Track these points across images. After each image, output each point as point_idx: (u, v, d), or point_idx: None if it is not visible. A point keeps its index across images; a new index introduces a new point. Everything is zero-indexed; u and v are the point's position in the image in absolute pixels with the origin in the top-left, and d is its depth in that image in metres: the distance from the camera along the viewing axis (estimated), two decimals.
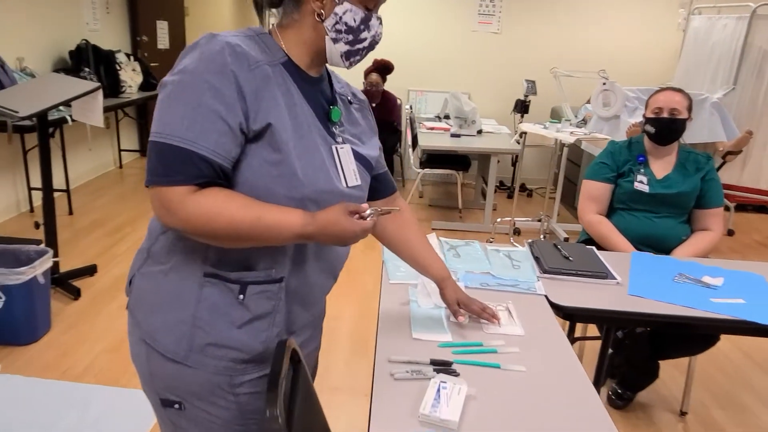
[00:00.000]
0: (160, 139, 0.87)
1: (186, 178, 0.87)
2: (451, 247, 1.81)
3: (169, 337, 0.99)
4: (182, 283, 0.98)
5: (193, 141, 0.86)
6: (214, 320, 0.98)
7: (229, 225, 0.88)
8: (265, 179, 0.92)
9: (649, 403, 2.33)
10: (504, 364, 1.18)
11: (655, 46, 5.52)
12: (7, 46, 3.79)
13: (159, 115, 0.88)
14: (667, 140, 2.17)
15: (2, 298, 2.33)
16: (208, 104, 0.87)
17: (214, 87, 0.87)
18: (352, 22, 0.97)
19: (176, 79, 0.88)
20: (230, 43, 0.89)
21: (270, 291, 1.01)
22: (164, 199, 0.87)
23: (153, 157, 0.88)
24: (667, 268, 1.76)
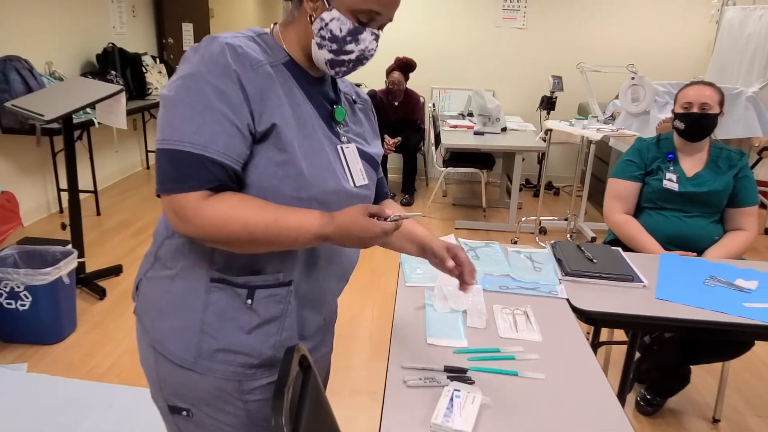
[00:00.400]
0: (168, 145, 0.85)
1: (199, 183, 0.85)
2: (471, 249, 1.77)
3: (176, 342, 0.97)
4: (189, 288, 0.97)
5: (204, 145, 0.85)
6: (222, 325, 0.96)
7: (245, 229, 0.86)
8: (271, 180, 0.91)
9: (680, 409, 2.24)
10: (522, 372, 1.13)
11: (687, 38, 5.34)
12: (37, 51, 3.88)
13: (164, 121, 0.87)
14: (698, 136, 2.08)
15: (29, 299, 2.37)
16: (214, 106, 0.85)
17: (218, 89, 0.86)
18: (337, 32, 0.93)
19: (179, 83, 0.87)
20: (231, 44, 0.88)
21: (279, 295, 0.99)
22: (178, 207, 0.86)
23: (163, 164, 0.86)
24: (697, 270, 1.68)
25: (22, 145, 3.77)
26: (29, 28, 3.81)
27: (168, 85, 0.89)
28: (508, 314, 1.36)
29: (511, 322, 1.33)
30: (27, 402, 2.10)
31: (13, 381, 2.21)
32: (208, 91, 0.85)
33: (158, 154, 0.87)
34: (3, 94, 3.33)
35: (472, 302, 1.40)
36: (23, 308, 2.38)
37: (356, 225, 0.89)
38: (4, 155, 3.65)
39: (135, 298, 1.06)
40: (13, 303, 2.38)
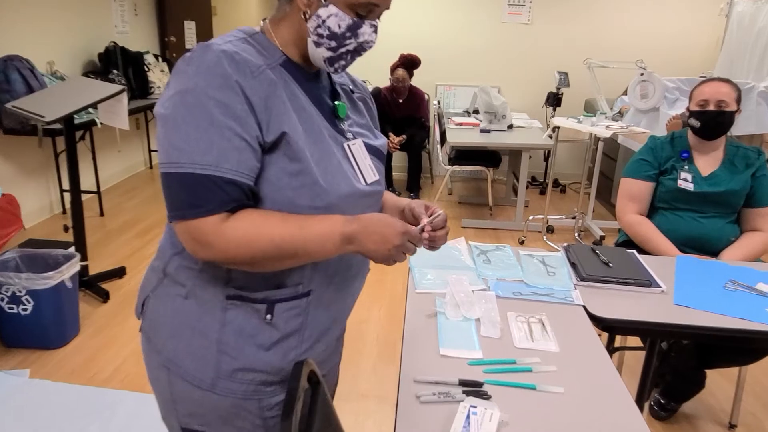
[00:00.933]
0: (177, 169, 0.80)
1: (217, 205, 0.80)
2: (481, 252, 1.72)
3: (193, 363, 0.93)
4: (204, 307, 0.92)
5: (215, 165, 0.80)
6: (241, 344, 0.92)
7: (272, 244, 0.83)
8: (286, 192, 0.86)
9: (695, 414, 2.19)
10: (540, 385, 1.09)
11: (696, 33, 5.26)
12: (39, 51, 3.84)
13: (167, 142, 0.81)
14: (714, 135, 2.02)
15: (31, 303, 2.34)
16: (220, 122, 0.80)
17: (221, 103, 0.80)
18: (336, 28, 0.88)
19: (177, 100, 0.81)
20: (227, 52, 0.82)
21: (299, 307, 0.95)
22: (197, 233, 0.81)
23: (174, 189, 0.80)
24: (716, 273, 1.63)
25: (25, 146, 3.73)
26: (31, 28, 3.77)
27: (163, 101, 0.83)
28: (523, 322, 1.32)
29: (527, 330, 1.28)
30: (29, 409, 2.07)
31: (15, 387, 2.18)
32: (210, 107, 0.80)
33: (166, 178, 0.81)
34: (4, 95, 3.29)
35: (485, 310, 1.35)
36: (25, 313, 2.35)
37: (377, 221, 0.87)
38: (6, 156, 3.62)
39: (141, 315, 1.01)
40: (15, 308, 2.34)
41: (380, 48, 5.39)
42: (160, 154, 0.82)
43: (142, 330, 1.00)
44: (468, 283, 1.45)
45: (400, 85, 4.64)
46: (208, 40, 0.86)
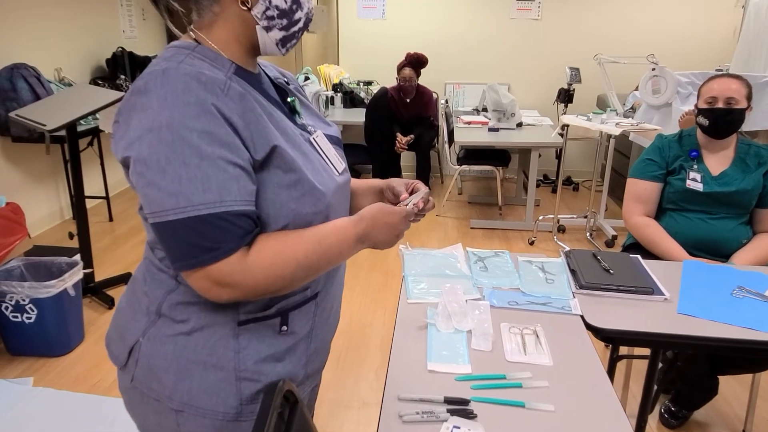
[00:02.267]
0: (180, 215, 0.73)
1: (235, 243, 0.76)
2: (479, 259, 1.67)
3: (213, 399, 0.88)
4: (213, 339, 0.87)
5: (219, 201, 0.74)
6: (260, 365, 0.89)
7: (298, 266, 0.82)
8: (288, 205, 0.83)
9: (708, 422, 2.12)
10: (529, 402, 1.04)
11: (710, 25, 5.12)
12: (46, 58, 3.87)
13: (157, 189, 0.73)
14: (723, 133, 1.94)
15: (34, 311, 2.35)
16: (209, 153, 0.73)
17: (204, 132, 0.74)
18: (282, 4, 0.85)
19: (152, 140, 0.73)
20: (190, 73, 0.76)
21: (309, 311, 0.95)
22: (221, 276, 0.76)
23: (182, 237, 0.74)
24: (724, 279, 1.56)
25: (33, 153, 3.77)
26: (38, 35, 3.80)
27: (130, 143, 0.75)
28: (517, 334, 1.27)
29: (519, 343, 1.24)
30: (33, 417, 2.08)
31: (19, 395, 2.19)
32: (194, 139, 0.73)
33: (168, 227, 0.74)
34: (11, 103, 3.32)
35: (478, 321, 1.30)
36: (29, 321, 2.36)
37: (381, 213, 0.89)
38: (16, 164, 3.65)
39: (127, 366, 0.92)
40: (19, 316, 2.35)
41: (387, 47, 5.36)
42: (148, 204, 0.74)
43: (133, 381, 0.91)
44: (462, 292, 1.41)
45: (408, 85, 4.59)
46: (157, 65, 0.79)
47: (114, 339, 0.96)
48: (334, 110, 5.12)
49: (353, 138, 5.18)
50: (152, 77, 0.76)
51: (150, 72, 0.77)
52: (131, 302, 0.94)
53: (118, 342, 0.94)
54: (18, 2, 3.61)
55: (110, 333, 0.98)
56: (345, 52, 5.48)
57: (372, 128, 4.63)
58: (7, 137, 3.50)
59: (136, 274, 0.96)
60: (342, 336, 2.68)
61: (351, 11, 5.33)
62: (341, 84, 5.23)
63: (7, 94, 3.33)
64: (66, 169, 4.01)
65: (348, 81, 5.32)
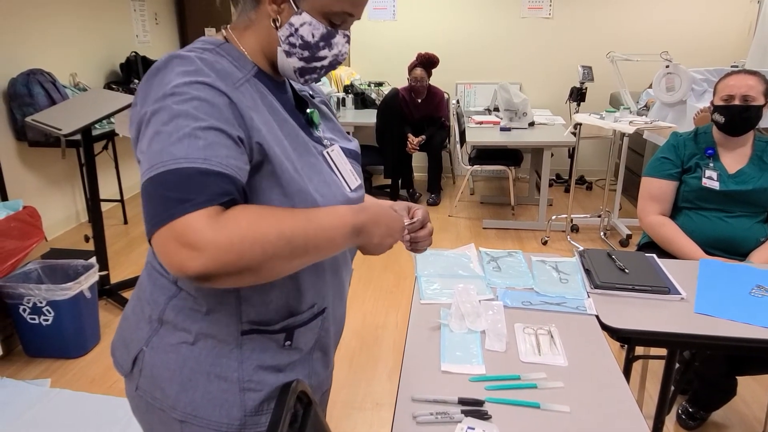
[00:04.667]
0: (160, 169, 0.68)
1: (208, 197, 0.67)
2: (492, 259, 1.66)
3: (217, 410, 0.87)
4: (217, 349, 0.86)
5: (203, 158, 0.69)
6: (264, 376, 0.89)
7: (281, 236, 0.70)
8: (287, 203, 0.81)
9: (726, 424, 2.08)
10: (544, 403, 1.03)
11: (725, 21, 5.06)
12: (61, 63, 3.92)
13: (151, 150, 0.71)
14: (739, 131, 1.92)
15: (51, 314, 2.38)
16: (204, 120, 0.71)
17: (205, 101, 0.73)
18: (309, 38, 0.84)
19: (156, 107, 0.73)
20: (204, 59, 0.77)
21: (316, 326, 0.94)
22: (187, 232, 0.65)
23: (158, 193, 0.67)
24: (741, 278, 1.54)
25: (50, 157, 3.82)
26: (53, 41, 3.86)
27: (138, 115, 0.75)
28: (531, 335, 1.26)
29: (534, 343, 1.23)
30: (50, 418, 2.10)
31: (36, 397, 2.22)
32: (193, 106, 0.72)
33: (148, 186, 0.69)
34: (27, 108, 3.37)
35: (491, 321, 1.30)
36: (46, 323, 2.39)
37: (386, 214, 0.88)
38: (32, 168, 3.70)
39: (132, 375, 0.91)
40: (36, 318, 2.39)
41: (398, 48, 5.36)
42: (142, 166, 0.72)
43: (138, 390, 0.90)
44: (475, 292, 1.40)
45: (419, 85, 4.58)
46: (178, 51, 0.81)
47: (119, 347, 0.95)
48: (346, 111, 5.13)
49: (365, 139, 5.18)
50: (171, 58, 0.77)
51: (170, 54, 0.78)
52: (135, 310, 0.93)
53: (122, 350, 0.94)
54: (33, 10, 3.66)
55: (115, 341, 0.97)
56: (356, 53, 5.49)
57: (383, 129, 4.63)
58: (23, 142, 3.55)
59: (140, 281, 0.95)
60: (355, 337, 2.68)
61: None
62: (352, 85, 5.24)
63: (23, 100, 3.38)
64: (81, 172, 4.05)
65: (359, 82, 5.33)
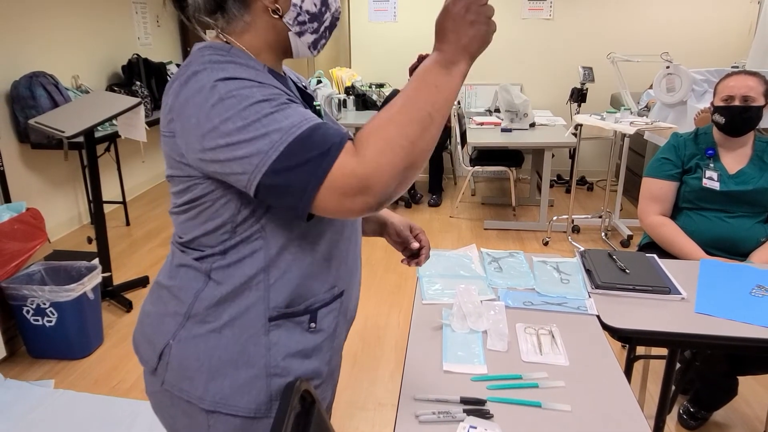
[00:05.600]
0: (282, 146, 0.70)
1: (340, 137, 0.71)
2: (493, 260, 1.67)
3: (245, 396, 0.89)
4: (244, 336, 0.88)
5: (304, 119, 0.72)
6: (288, 361, 0.91)
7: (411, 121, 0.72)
8: None
9: (728, 423, 2.09)
10: (546, 403, 1.04)
11: (726, 21, 5.06)
12: (64, 65, 3.94)
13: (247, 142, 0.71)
14: (740, 131, 1.92)
15: (55, 315, 2.39)
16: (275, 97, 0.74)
17: (262, 84, 0.75)
18: (313, 8, 0.86)
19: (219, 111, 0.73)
20: (233, 61, 0.79)
21: (336, 309, 0.97)
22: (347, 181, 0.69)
23: (292, 163, 0.70)
24: (742, 278, 1.55)
25: (52, 159, 3.84)
26: (56, 44, 3.87)
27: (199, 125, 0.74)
28: (532, 334, 1.27)
29: (535, 343, 1.24)
30: (55, 418, 2.11)
31: (40, 398, 2.23)
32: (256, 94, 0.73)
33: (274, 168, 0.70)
34: (30, 111, 3.38)
35: (493, 321, 1.31)
36: (50, 324, 2.40)
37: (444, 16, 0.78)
38: (35, 170, 3.72)
39: (158, 371, 0.92)
40: (39, 319, 2.40)
41: (398, 50, 5.37)
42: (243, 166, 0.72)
43: (164, 385, 0.91)
44: (477, 293, 1.41)
45: None
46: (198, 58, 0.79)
47: (141, 343, 0.96)
48: (347, 113, 5.14)
49: None
50: (199, 67, 0.77)
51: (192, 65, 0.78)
52: (157, 306, 0.94)
53: (146, 346, 0.95)
54: (36, 12, 3.68)
55: (137, 338, 0.98)
56: (357, 55, 5.50)
57: None
58: (26, 144, 3.57)
59: (160, 278, 0.96)
60: (357, 337, 2.69)
61: (362, 14, 5.36)
62: (353, 87, 5.25)
63: (26, 102, 3.40)
64: (83, 174, 4.07)
65: (360, 84, 5.34)
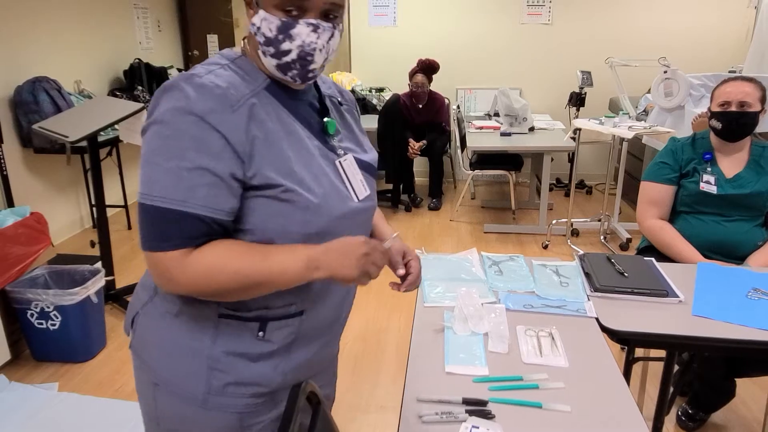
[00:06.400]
0: (147, 201, 0.81)
1: (180, 241, 0.81)
2: (494, 263, 1.70)
3: (185, 381, 0.94)
4: (195, 325, 0.93)
5: (183, 200, 0.80)
6: (233, 360, 0.93)
7: (234, 277, 0.83)
8: (277, 220, 0.86)
9: (726, 425, 2.11)
10: (546, 403, 1.06)
11: (723, 26, 5.11)
12: (66, 70, 3.97)
13: (144, 172, 0.82)
14: (736, 136, 1.95)
15: (58, 318, 2.41)
16: (191, 158, 0.80)
17: (195, 138, 0.80)
18: (268, 33, 0.85)
19: (155, 131, 0.81)
20: (206, 86, 0.82)
21: (292, 325, 0.96)
22: (161, 266, 0.82)
23: (146, 221, 0.82)
24: (739, 281, 1.57)
25: (55, 164, 3.86)
26: (58, 49, 3.90)
27: (144, 126, 0.85)
28: (532, 336, 1.29)
29: (535, 345, 1.26)
30: (58, 421, 2.13)
31: (45, 400, 2.24)
32: (185, 141, 0.80)
33: (139, 208, 0.83)
34: (33, 115, 3.41)
35: (494, 324, 1.33)
36: (53, 328, 2.42)
37: (338, 243, 0.85)
38: (38, 174, 3.74)
39: (129, 332, 1.03)
40: (43, 323, 2.42)
41: (398, 54, 5.40)
42: (139, 183, 0.84)
43: (131, 347, 1.01)
44: (478, 296, 1.43)
45: (420, 91, 4.63)
46: (192, 70, 0.86)
47: (128, 309, 1.04)
48: None
49: None
50: (180, 79, 0.83)
51: (181, 75, 0.84)
52: (142, 279, 1.03)
53: (129, 309, 1.04)
54: (38, 17, 3.71)
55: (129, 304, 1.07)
56: (357, 59, 5.53)
57: (385, 134, 4.67)
58: (29, 149, 3.59)
59: None
60: (358, 341, 2.71)
61: (362, 19, 5.39)
62: (353, 91, 5.28)
63: (29, 107, 3.42)
64: (86, 178, 4.09)
65: (360, 88, 5.37)
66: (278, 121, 0.89)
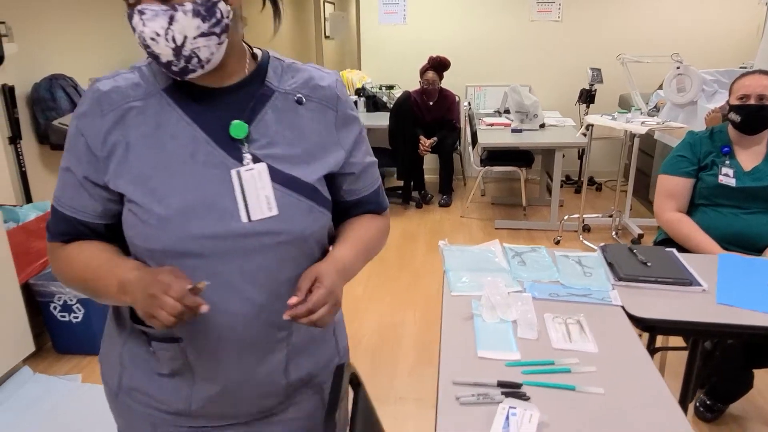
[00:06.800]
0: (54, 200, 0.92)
1: (53, 235, 0.92)
2: (516, 254, 1.72)
3: (106, 366, 1.00)
4: (118, 321, 0.98)
5: (57, 198, 0.90)
6: (136, 366, 0.95)
7: (79, 278, 0.88)
8: (128, 231, 0.87)
9: (743, 415, 2.13)
10: (579, 386, 1.08)
11: (734, 23, 5.11)
12: (81, 68, 4.00)
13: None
14: (755, 129, 1.97)
15: (81, 311, 2.44)
16: (66, 159, 0.88)
17: (70, 141, 0.87)
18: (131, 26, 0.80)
19: None
20: (93, 90, 0.86)
21: (174, 350, 0.89)
22: (47, 252, 0.95)
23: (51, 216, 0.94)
24: (760, 271, 1.59)
25: None
26: (74, 46, 3.94)
27: None
28: (561, 324, 1.31)
29: (564, 332, 1.28)
30: (82, 412, 2.16)
31: (68, 392, 2.28)
32: (68, 143, 0.88)
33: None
34: (51, 112, 3.45)
35: (521, 312, 1.35)
36: (76, 320, 2.46)
37: (149, 279, 0.76)
38: (54, 170, 3.78)
39: None
40: (66, 315, 2.45)
41: (408, 52, 5.43)
42: None
43: None
44: (503, 285, 1.46)
45: (431, 88, 4.65)
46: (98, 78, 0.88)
47: None
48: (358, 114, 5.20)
49: (377, 141, 5.24)
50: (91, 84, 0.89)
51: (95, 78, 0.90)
52: None
53: None
54: (54, 16, 3.75)
55: None
56: (367, 57, 5.56)
57: (395, 131, 4.69)
58: (46, 145, 3.62)
59: None
60: (374, 334, 2.74)
61: (372, 17, 5.42)
62: (364, 89, 5.31)
63: (47, 104, 3.46)
64: None
65: (370, 86, 5.40)
66: (158, 126, 0.84)
